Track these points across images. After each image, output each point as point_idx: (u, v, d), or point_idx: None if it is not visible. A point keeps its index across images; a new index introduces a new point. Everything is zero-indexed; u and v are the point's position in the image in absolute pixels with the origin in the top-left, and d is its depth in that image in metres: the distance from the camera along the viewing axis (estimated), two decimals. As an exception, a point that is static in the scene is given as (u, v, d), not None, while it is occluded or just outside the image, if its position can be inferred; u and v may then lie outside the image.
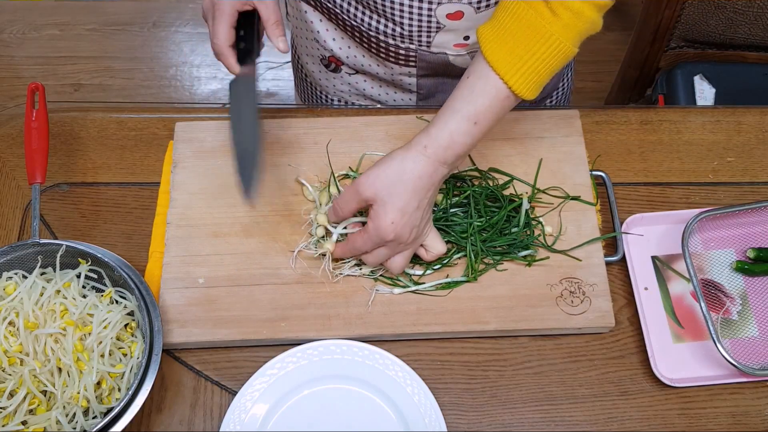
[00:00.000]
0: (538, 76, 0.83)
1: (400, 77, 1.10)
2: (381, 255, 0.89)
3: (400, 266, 0.91)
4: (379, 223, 0.85)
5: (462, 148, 0.85)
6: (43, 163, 0.96)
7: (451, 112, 0.84)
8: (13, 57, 2.46)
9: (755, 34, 1.58)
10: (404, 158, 0.85)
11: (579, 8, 0.80)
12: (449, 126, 0.84)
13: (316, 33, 1.10)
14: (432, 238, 0.92)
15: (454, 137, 0.84)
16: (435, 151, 0.84)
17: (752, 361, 0.93)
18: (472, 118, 0.84)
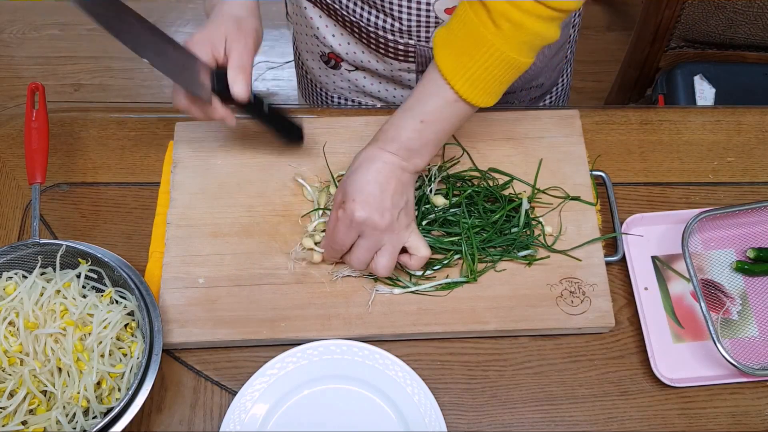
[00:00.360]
0: (485, 84, 0.83)
1: (400, 73, 1.10)
2: (362, 251, 0.88)
3: (385, 267, 0.90)
4: (347, 206, 0.87)
5: (409, 143, 0.87)
6: (43, 163, 0.96)
7: (403, 110, 0.88)
8: (13, 57, 2.46)
9: (755, 34, 1.58)
10: (359, 154, 0.90)
11: (520, 20, 0.79)
12: (397, 121, 0.88)
13: (316, 29, 1.10)
14: (415, 240, 0.91)
15: (400, 132, 0.87)
16: (384, 143, 0.88)
17: (752, 361, 0.93)
18: (419, 117, 0.86)
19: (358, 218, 0.86)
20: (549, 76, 1.18)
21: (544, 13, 0.80)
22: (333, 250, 0.91)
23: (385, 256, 0.89)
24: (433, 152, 0.89)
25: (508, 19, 0.79)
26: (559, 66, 1.19)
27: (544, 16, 0.80)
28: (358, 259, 0.89)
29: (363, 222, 0.86)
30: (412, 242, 0.91)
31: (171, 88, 0.93)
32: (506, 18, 0.79)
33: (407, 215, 0.89)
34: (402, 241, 0.90)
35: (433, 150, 0.89)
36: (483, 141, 1.05)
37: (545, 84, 1.19)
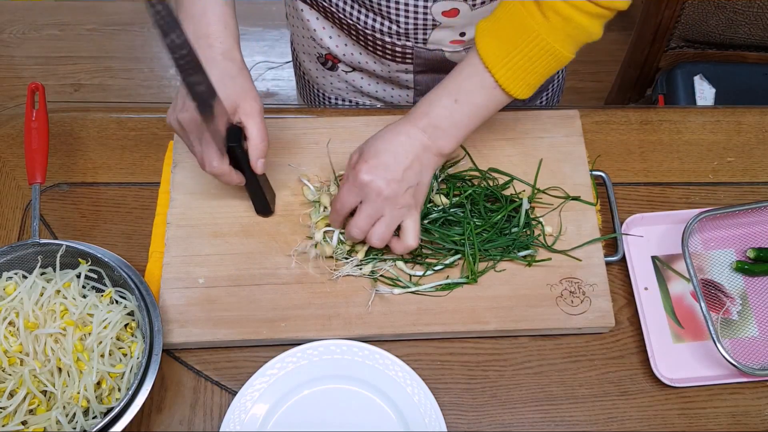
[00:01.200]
0: (525, 74, 0.84)
1: (397, 74, 1.10)
2: (361, 217, 0.88)
3: (380, 236, 0.89)
4: (356, 165, 0.87)
5: (437, 120, 0.87)
6: (43, 163, 0.96)
7: (438, 87, 0.89)
8: (13, 57, 2.46)
9: (755, 34, 1.58)
10: (386, 126, 0.90)
11: (568, 13, 0.81)
12: (431, 97, 0.88)
13: (313, 31, 1.10)
14: (410, 225, 0.90)
15: (432, 107, 0.87)
16: (414, 117, 0.88)
17: (752, 361, 0.93)
18: (453, 95, 0.87)
19: (361, 179, 0.86)
20: None
21: (593, 10, 0.81)
22: (335, 211, 0.91)
23: (381, 226, 0.89)
24: (460, 137, 0.89)
25: (557, 12, 0.81)
26: None
27: (593, 13, 0.82)
28: (356, 225, 0.89)
29: (365, 184, 0.86)
30: (406, 226, 0.90)
31: (170, 88, 0.92)
32: (555, 10, 0.81)
33: (414, 196, 0.89)
34: (400, 217, 0.89)
35: (460, 134, 0.89)
36: (483, 141, 1.05)
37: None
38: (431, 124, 0.87)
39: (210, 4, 0.88)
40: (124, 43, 2.47)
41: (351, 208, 0.89)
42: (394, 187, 0.86)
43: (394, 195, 0.87)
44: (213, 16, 0.88)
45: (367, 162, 0.86)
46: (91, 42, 2.48)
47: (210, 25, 0.88)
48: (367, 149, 0.88)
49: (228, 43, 0.88)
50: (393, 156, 0.86)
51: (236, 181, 0.90)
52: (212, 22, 0.88)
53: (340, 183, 0.92)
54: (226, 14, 0.89)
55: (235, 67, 0.88)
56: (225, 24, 0.89)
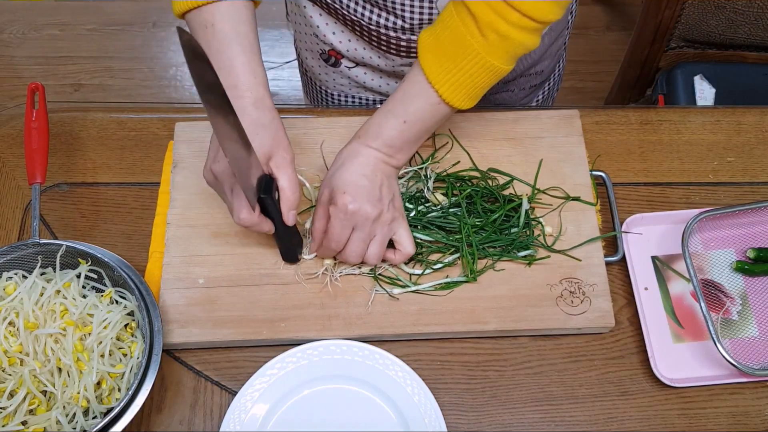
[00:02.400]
0: (467, 89, 0.87)
1: (401, 68, 1.11)
2: (357, 243, 0.90)
3: (375, 255, 0.92)
4: (338, 200, 0.88)
5: (391, 140, 0.89)
6: (43, 163, 0.96)
7: (385, 111, 0.90)
8: (13, 57, 2.46)
9: (755, 34, 1.58)
10: (342, 151, 0.92)
11: (506, 31, 0.82)
12: (380, 120, 0.90)
13: (316, 27, 1.10)
14: (403, 234, 0.92)
15: (383, 130, 0.89)
16: (366, 140, 0.90)
17: (752, 361, 0.93)
18: (401, 117, 0.89)
19: (351, 209, 0.87)
20: (549, 63, 1.19)
21: (528, 25, 0.82)
22: (329, 249, 0.92)
23: (375, 246, 0.91)
24: (414, 149, 0.92)
25: (495, 30, 0.82)
26: (558, 52, 1.21)
27: (529, 28, 0.83)
28: (354, 252, 0.91)
29: (356, 212, 0.88)
30: (399, 237, 0.93)
31: (170, 88, 0.92)
32: (493, 29, 0.82)
33: (395, 207, 0.91)
34: (391, 231, 0.92)
35: (414, 147, 0.92)
36: (483, 141, 1.05)
37: (545, 71, 1.20)
38: (385, 143, 0.90)
39: (236, 54, 0.86)
40: (124, 43, 2.47)
41: (345, 241, 0.91)
42: (379, 206, 0.89)
43: (381, 213, 0.89)
44: (241, 67, 0.86)
45: (346, 193, 0.88)
46: (91, 42, 2.48)
47: (239, 77, 0.86)
48: (337, 182, 0.89)
49: (259, 92, 0.87)
50: (364, 177, 0.88)
51: (266, 230, 0.89)
52: (240, 73, 0.86)
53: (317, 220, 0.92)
54: (254, 62, 0.87)
55: (268, 116, 0.87)
56: (254, 73, 0.87)
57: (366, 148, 0.90)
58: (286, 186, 0.86)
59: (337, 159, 0.92)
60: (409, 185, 1.01)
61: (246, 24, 0.88)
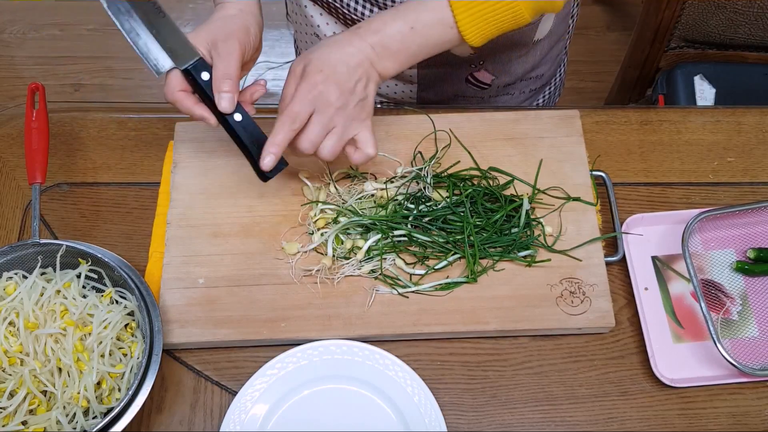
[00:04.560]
0: (485, 24, 0.86)
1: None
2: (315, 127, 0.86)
3: (331, 149, 0.87)
4: (308, 75, 0.85)
5: (389, 40, 0.86)
6: (43, 163, 0.96)
7: (393, 12, 0.88)
8: (13, 57, 2.46)
9: (755, 34, 1.58)
10: (332, 35, 0.89)
11: None
12: (386, 18, 0.87)
13: (316, 27, 1.11)
14: (366, 134, 0.89)
15: (387, 27, 0.87)
16: (365, 32, 0.87)
17: (752, 361, 0.93)
18: (410, 23, 0.86)
19: (319, 89, 0.84)
20: (549, 67, 1.19)
21: None
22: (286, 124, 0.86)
23: (332, 138, 0.87)
24: (405, 64, 0.89)
25: None
26: (558, 57, 1.21)
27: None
28: (309, 138, 0.86)
29: (322, 93, 0.84)
30: (363, 136, 0.89)
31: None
32: None
33: (364, 109, 0.88)
34: (353, 129, 0.88)
35: (407, 61, 0.89)
36: (483, 141, 1.05)
37: (545, 75, 1.20)
38: (381, 43, 0.86)
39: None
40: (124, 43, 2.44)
41: (305, 120, 0.86)
42: (347, 96, 0.86)
43: (346, 104, 0.86)
44: None
45: (321, 71, 0.84)
46: (91, 42, 2.48)
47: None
48: (317, 58, 0.85)
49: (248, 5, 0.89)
50: (344, 66, 0.85)
51: (197, 114, 0.86)
52: None
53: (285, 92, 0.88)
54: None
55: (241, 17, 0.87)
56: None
57: (360, 40, 0.86)
58: (218, 69, 0.84)
59: (326, 40, 0.88)
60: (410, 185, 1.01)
61: None
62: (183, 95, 0.87)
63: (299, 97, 0.85)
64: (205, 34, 0.85)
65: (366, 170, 1.03)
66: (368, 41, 0.86)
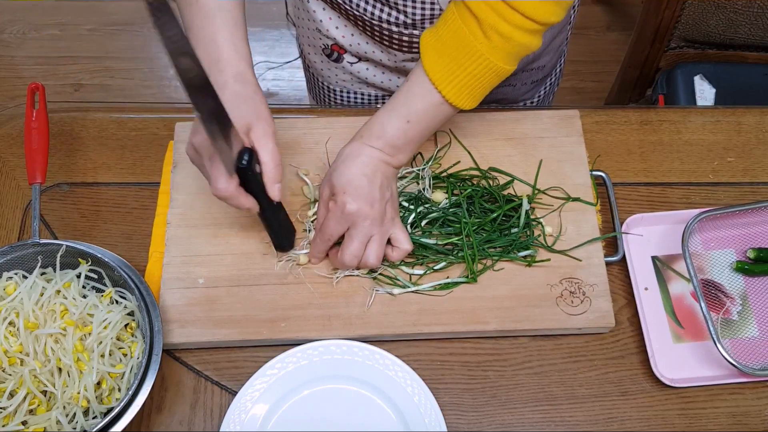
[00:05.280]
0: (471, 89, 0.87)
1: (404, 63, 1.11)
2: (354, 243, 0.90)
3: (375, 256, 0.91)
4: (337, 199, 0.89)
5: (394, 140, 0.89)
6: (43, 163, 0.96)
7: (388, 110, 0.90)
8: (13, 57, 2.46)
9: (755, 34, 1.58)
10: (344, 149, 0.91)
11: (509, 33, 0.83)
12: (382, 119, 0.90)
13: (319, 22, 1.11)
14: (399, 233, 0.93)
15: (386, 129, 0.89)
16: (369, 140, 0.90)
17: (752, 361, 0.93)
18: (405, 117, 0.89)
19: (349, 210, 0.88)
20: (550, 58, 1.19)
21: (530, 26, 0.83)
22: (322, 243, 0.92)
23: (373, 246, 0.91)
24: (415, 149, 0.92)
25: (498, 32, 0.83)
26: (560, 47, 1.21)
27: (531, 29, 0.84)
28: (351, 252, 0.90)
29: (355, 213, 0.88)
30: (396, 234, 0.93)
31: (170, 88, 0.92)
32: (496, 30, 0.83)
33: (392, 207, 0.92)
34: (388, 232, 0.92)
35: (415, 147, 0.92)
36: (483, 141, 1.05)
37: (546, 66, 1.20)
38: (387, 144, 0.89)
39: (220, 29, 0.86)
40: (124, 43, 2.47)
41: (338, 236, 0.91)
42: (378, 207, 0.89)
43: (380, 214, 0.90)
44: (223, 41, 0.86)
45: (346, 192, 0.88)
46: (91, 42, 2.48)
47: (221, 51, 0.86)
48: (338, 180, 0.89)
49: (240, 66, 0.86)
50: (365, 177, 0.88)
51: (246, 206, 0.86)
52: (223, 47, 0.86)
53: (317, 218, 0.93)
54: (236, 37, 0.87)
55: (249, 90, 0.86)
56: (236, 48, 0.87)
57: (368, 147, 0.90)
58: (268, 159, 0.84)
59: (339, 157, 0.92)
60: (408, 186, 1.01)
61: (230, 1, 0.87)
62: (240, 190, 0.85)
63: (331, 218, 0.90)
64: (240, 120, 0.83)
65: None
66: (375, 146, 0.89)
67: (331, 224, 0.90)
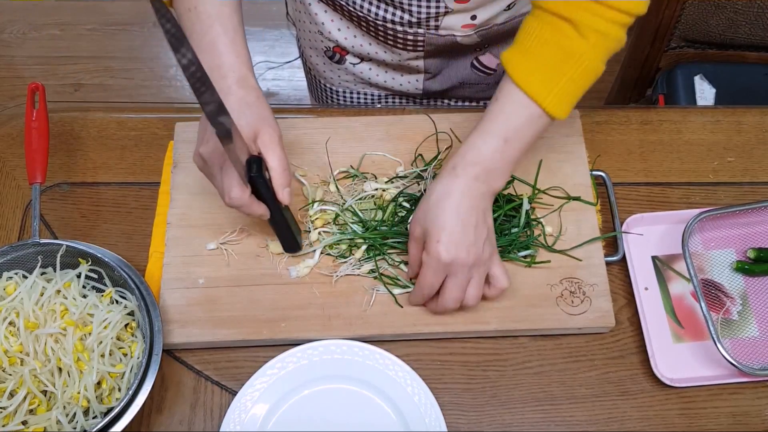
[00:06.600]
0: (570, 96, 0.85)
1: (407, 62, 1.11)
2: (453, 290, 0.87)
3: (475, 297, 0.89)
4: (431, 248, 0.85)
5: (491, 163, 0.85)
6: (44, 163, 0.96)
7: (482, 132, 0.86)
8: (13, 57, 2.46)
9: (755, 34, 1.58)
10: (435, 185, 0.87)
11: (606, 29, 0.82)
12: (476, 143, 0.86)
13: (320, 25, 1.11)
14: (497, 268, 0.89)
15: (482, 153, 0.85)
16: (464, 169, 0.85)
17: (752, 361, 0.93)
18: (502, 136, 0.85)
19: (445, 260, 0.84)
20: None
21: (624, 20, 0.83)
22: (422, 297, 0.90)
23: (473, 288, 0.88)
24: (511, 169, 0.88)
25: (596, 30, 0.82)
26: None
27: (624, 23, 0.84)
28: (452, 299, 0.88)
29: (451, 263, 0.85)
30: (494, 271, 0.89)
31: (170, 88, 0.92)
32: (594, 29, 0.82)
33: (490, 244, 0.88)
34: (486, 271, 0.89)
35: (512, 167, 0.88)
36: (483, 141, 1.05)
37: None
38: (485, 169, 0.85)
39: (219, 35, 0.85)
40: (124, 43, 2.47)
41: (438, 286, 0.88)
42: (474, 251, 0.85)
43: (477, 258, 0.86)
44: (223, 47, 0.85)
45: (440, 241, 0.84)
46: (91, 42, 2.48)
47: (222, 56, 0.85)
48: (431, 225, 0.85)
49: (242, 71, 0.85)
50: (458, 221, 0.84)
51: (259, 213, 0.85)
52: (223, 52, 0.85)
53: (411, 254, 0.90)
54: (237, 43, 0.86)
55: (252, 95, 0.85)
56: (236, 53, 0.86)
57: (462, 180, 0.85)
58: (276, 164, 0.83)
59: (431, 193, 0.87)
60: (410, 186, 1.01)
61: (228, 6, 0.87)
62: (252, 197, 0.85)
63: (428, 270, 0.86)
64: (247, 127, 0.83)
65: (366, 170, 1.03)
66: (470, 175, 0.85)
67: (429, 276, 0.87)
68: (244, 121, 0.82)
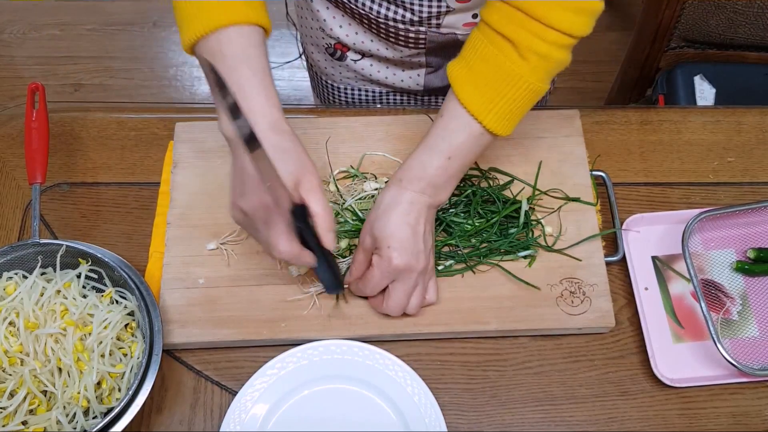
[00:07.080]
0: (511, 115, 0.86)
1: (409, 58, 1.12)
2: (398, 296, 0.89)
3: (417, 306, 0.91)
4: (383, 253, 0.87)
5: (436, 179, 0.87)
6: (44, 163, 0.96)
7: (427, 148, 0.88)
8: (13, 57, 2.46)
9: (755, 34, 1.58)
10: (384, 196, 0.89)
11: (547, 51, 0.82)
12: (422, 158, 0.87)
13: (322, 21, 1.11)
14: (433, 281, 0.92)
15: (426, 169, 0.87)
16: (410, 183, 0.87)
17: (752, 361, 0.93)
18: (446, 154, 0.86)
19: (396, 265, 0.86)
20: None
21: (566, 42, 0.83)
22: (364, 292, 0.91)
23: (417, 296, 0.90)
24: (455, 184, 0.90)
25: (536, 52, 0.81)
26: None
27: (566, 45, 0.83)
28: (397, 304, 0.89)
29: (401, 268, 0.87)
30: (430, 283, 0.92)
31: (171, 88, 0.92)
32: (533, 51, 0.81)
33: (433, 254, 0.91)
34: (429, 279, 0.91)
35: (456, 182, 0.90)
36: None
37: None
38: (430, 184, 0.87)
39: (247, 78, 0.81)
40: (124, 43, 2.47)
41: (381, 288, 0.90)
42: (423, 258, 0.88)
43: (425, 265, 0.88)
44: (252, 90, 0.81)
45: (390, 246, 0.86)
46: (91, 42, 2.48)
47: (251, 101, 0.81)
48: (381, 232, 0.87)
49: (274, 115, 0.82)
50: (408, 228, 0.86)
51: (309, 262, 0.84)
52: (252, 96, 0.81)
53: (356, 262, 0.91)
54: (266, 85, 0.82)
55: (287, 139, 0.82)
56: (266, 95, 0.82)
57: (408, 192, 0.87)
58: (320, 210, 0.82)
59: (379, 204, 0.89)
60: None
61: (255, 47, 0.84)
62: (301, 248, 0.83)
63: (377, 272, 0.88)
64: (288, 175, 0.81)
65: (366, 170, 1.03)
66: (417, 190, 0.87)
67: (377, 277, 0.88)
68: (283, 168, 0.80)
